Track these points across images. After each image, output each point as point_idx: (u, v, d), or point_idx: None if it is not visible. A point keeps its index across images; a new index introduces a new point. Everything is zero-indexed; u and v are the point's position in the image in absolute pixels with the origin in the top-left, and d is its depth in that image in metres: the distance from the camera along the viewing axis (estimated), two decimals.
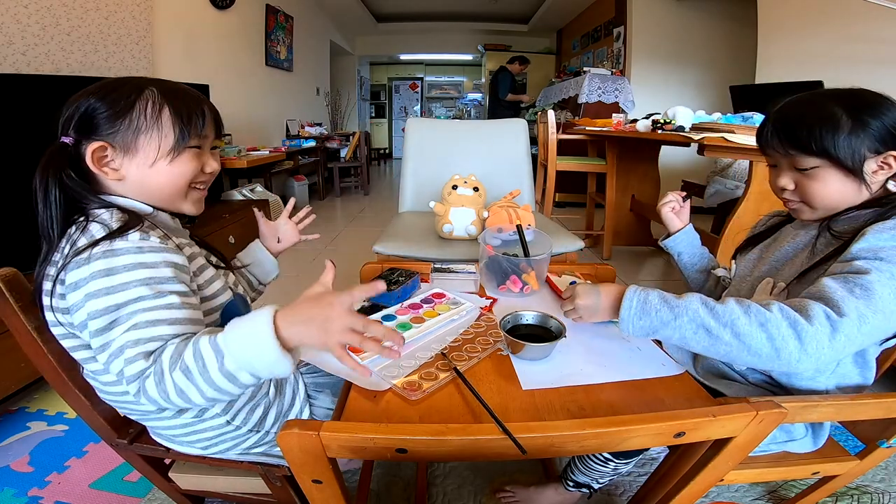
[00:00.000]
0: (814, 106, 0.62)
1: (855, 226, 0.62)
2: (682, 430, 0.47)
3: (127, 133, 0.56)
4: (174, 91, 0.59)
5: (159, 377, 0.45)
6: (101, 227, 0.52)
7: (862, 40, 2.16)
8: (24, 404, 1.30)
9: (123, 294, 0.48)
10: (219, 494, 0.80)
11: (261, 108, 3.93)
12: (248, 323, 0.45)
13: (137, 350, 0.47)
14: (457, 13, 6.47)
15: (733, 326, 0.52)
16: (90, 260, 0.49)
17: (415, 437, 0.44)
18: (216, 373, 0.45)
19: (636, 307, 0.59)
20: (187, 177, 0.60)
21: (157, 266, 0.51)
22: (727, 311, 0.54)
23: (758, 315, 0.52)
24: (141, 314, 0.48)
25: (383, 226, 1.43)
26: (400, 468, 1.07)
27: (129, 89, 0.57)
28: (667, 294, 0.59)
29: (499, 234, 1.04)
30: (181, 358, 0.45)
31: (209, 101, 0.63)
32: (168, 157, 0.58)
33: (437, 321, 0.73)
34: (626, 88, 3.89)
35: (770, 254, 0.73)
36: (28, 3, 1.79)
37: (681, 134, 1.75)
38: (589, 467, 0.84)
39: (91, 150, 0.55)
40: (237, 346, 0.45)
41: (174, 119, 0.57)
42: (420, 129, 1.69)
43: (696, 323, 0.55)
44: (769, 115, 0.68)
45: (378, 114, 9.40)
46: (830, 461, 0.72)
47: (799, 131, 0.62)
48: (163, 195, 0.60)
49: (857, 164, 0.60)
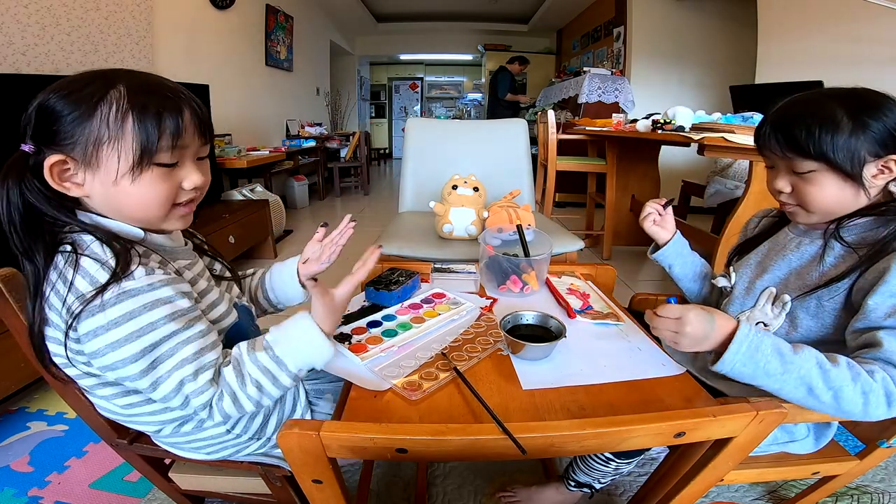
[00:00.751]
0: (813, 107, 0.61)
1: (866, 235, 0.61)
2: (683, 430, 0.47)
3: (87, 144, 0.47)
4: (146, 91, 0.49)
5: (233, 396, 0.52)
6: (97, 264, 0.47)
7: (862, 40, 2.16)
8: (24, 404, 1.30)
9: (154, 333, 0.48)
10: (219, 494, 0.80)
11: (261, 108, 3.93)
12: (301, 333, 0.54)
13: (200, 382, 0.50)
14: (457, 13, 6.47)
15: (838, 392, 0.52)
16: (104, 307, 0.46)
17: (415, 437, 0.44)
18: (286, 379, 0.53)
19: (745, 351, 0.54)
20: (159, 199, 0.52)
21: (173, 300, 0.50)
22: (839, 375, 0.52)
23: (864, 384, 0.52)
24: (182, 348, 0.49)
25: (383, 226, 1.43)
26: (400, 468, 1.07)
27: (94, 88, 0.48)
28: (781, 343, 0.55)
29: (499, 234, 1.04)
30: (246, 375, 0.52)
31: (193, 101, 0.53)
32: (129, 175, 0.49)
33: (438, 321, 0.73)
34: (626, 88, 3.89)
35: (772, 261, 0.71)
36: (28, 3, 1.79)
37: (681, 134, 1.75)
38: (590, 467, 0.84)
39: (49, 164, 0.47)
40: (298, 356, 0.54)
41: (138, 130, 0.48)
42: (420, 129, 1.69)
43: (802, 381, 0.52)
44: (767, 115, 0.66)
45: (378, 114, 9.40)
46: (830, 461, 0.72)
47: (797, 134, 0.60)
48: (135, 217, 0.53)
49: (857, 168, 0.58)
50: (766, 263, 0.72)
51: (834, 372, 0.52)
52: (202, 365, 0.51)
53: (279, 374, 0.53)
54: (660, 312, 0.58)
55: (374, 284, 0.82)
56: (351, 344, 0.66)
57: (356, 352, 0.64)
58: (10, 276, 0.56)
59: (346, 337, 0.68)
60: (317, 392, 0.76)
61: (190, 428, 0.61)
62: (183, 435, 0.62)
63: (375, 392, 0.56)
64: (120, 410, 0.58)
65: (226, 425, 0.63)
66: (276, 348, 0.53)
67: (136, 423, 0.61)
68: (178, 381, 0.49)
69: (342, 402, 0.56)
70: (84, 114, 0.47)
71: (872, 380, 0.52)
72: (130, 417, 0.59)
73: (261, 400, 0.53)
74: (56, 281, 0.48)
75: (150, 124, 0.48)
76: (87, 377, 0.54)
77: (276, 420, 0.68)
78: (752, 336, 0.54)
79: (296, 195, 4.07)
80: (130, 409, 0.57)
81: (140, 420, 0.59)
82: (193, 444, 0.64)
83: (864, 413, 0.52)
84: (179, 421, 0.60)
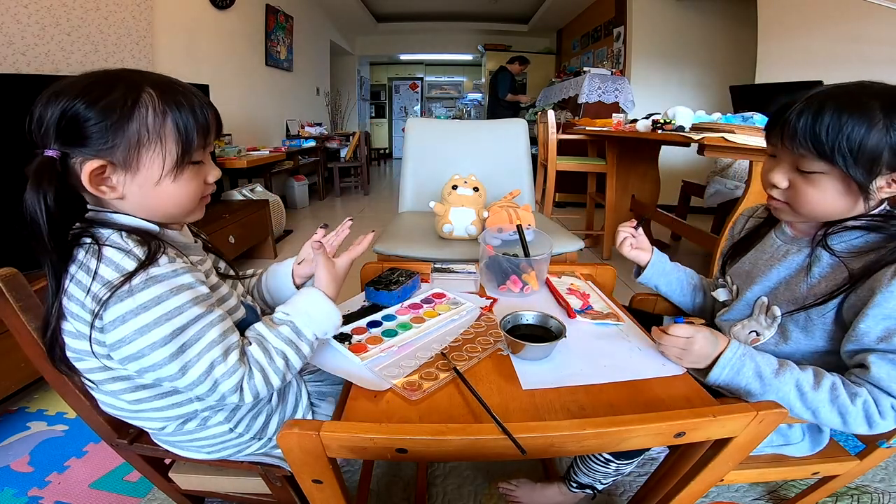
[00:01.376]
0: (850, 108, 0.54)
1: (854, 244, 0.59)
2: (683, 430, 0.47)
3: (127, 148, 0.49)
4: (174, 93, 0.51)
5: (262, 372, 0.53)
6: (121, 252, 0.48)
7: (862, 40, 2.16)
8: (24, 404, 1.30)
9: (182, 317, 0.49)
10: (219, 494, 0.80)
11: (261, 108, 3.93)
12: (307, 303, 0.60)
13: (230, 363, 0.51)
14: (457, 13, 6.47)
15: (816, 412, 0.56)
16: (133, 292, 0.47)
17: (415, 437, 0.44)
18: (305, 347, 0.57)
19: (727, 373, 0.59)
20: (193, 194, 0.56)
21: (195, 286, 0.52)
22: (817, 399, 0.56)
23: (841, 407, 0.54)
24: (209, 330, 0.51)
25: (383, 226, 1.43)
26: (400, 468, 1.07)
27: (124, 93, 0.49)
28: (764, 366, 0.58)
29: (499, 234, 1.04)
30: (272, 350, 0.55)
31: (208, 100, 0.57)
32: (171, 174, 0.52)
33: (438, 321, 0.73)
34: (626, 88, 3.89)
35: (760, 271, 0.70)
36: (28, 3, 1.79)
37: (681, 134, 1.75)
38: (591, 469, 0.84)
39: (89, 171, 0.48)
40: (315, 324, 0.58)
41: (177, 130, 0.51)
42: (420, 129, 1.69)
43: (781, 402, 0.54)
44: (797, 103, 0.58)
45: (378, 114, 9.40)
46: (830, 461, 0.72)
47: (823, 134, 0.54)
48: (169, 213, 0.56)
49: (869, 180, 0.55)
50: (755, 274, 0.71)
51: (811, 395, 0.56)
52: (229, 346, 0.52)
53: (301, 345, 0.57)
54: (670, 332, 0.61)
55: (374, 284, 0.82)
56: (351, 344, 0.66)
57: (356, 352, 0.64)
58: (10, 276, 0.56)
59: (346, 337, 0.68)
60: (319, 394, 0.76)
61: (193, 426, 0.61)
62: (185, 433, 0.62)
63: (375, 392, 0.56)
64: (127, 406, 0.58)
65: (229, 423, 0.63)
66: (295, 320, 0.57)
67: (141, 419, 0.61)
68: (208, 364, 0.50)
69: (342, 402, 0.56)
70: (122, 116, 0.48)
71: (852, 403, 0.54)
72: (137, 413, 0.59)
73: (286, 373, 0.56)
74: (76, 272, 0.48)
75: (188, 123, 0.51)
76: (99, 371, 0.54)
77: (277, 420, 0.68)
78: (735, 360, 0.58)
79: (296, 195, 4.07)
80: (138, 404, 0.57)
81: (146, 416, 0.59)
82: (195, 443, 0.64)
83: (846, 428, 0.55)
84: (184, 418, 0.60)
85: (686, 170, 3.52)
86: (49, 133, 0.48)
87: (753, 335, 0.68)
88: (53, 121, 0.48)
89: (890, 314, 0.53)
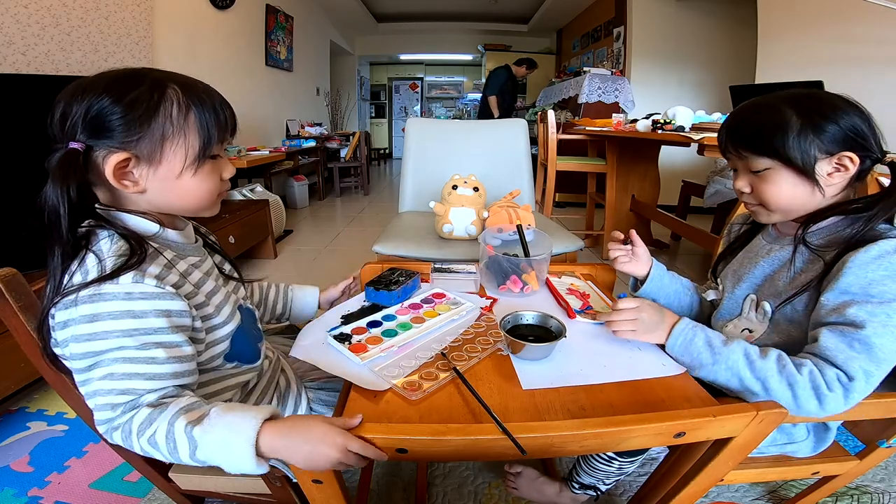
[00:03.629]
0: (767, 108, 0.63)
1: (830, 237, 0.62)
2: (683, 430, 0.47)
3: (151, 141, 0.50)
4: (196, 90, 0.53)
5: (127, 434, 0.46)
6: (96, 261, 0.48)
7: (862, 40, 2.16)
8: (24, 404, 1.30)
9: (104, 343, 0.47)
10: (219, 494, 0.80)
11: (261, 108, 3.93)
12: (229, 433, 0.44)
13: (106, 400, 0.47)
14: (457, 13, 6.47)
15: (765, 382, 0.56)
16: (77, 303, 0.47)
17: (415, 437, 0.44)
18: (186, 458, 0.45)
19: (680, 345, 0.62)
20: (211, 189, 0.56)
21: (145, 316, 0.48)
22: (765, 367, 0.57)
23: (790, 376, 0.55)
24: (119, 364, 0.47)
25: (383, 226, 1.43)
26: (400, 468, 1.07)
27: (150, 88, 0.50)
28: (713, 336, 0.61)
29: (499, 234, 1.04)
30: (153, 433, 0.45)
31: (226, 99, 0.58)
32: (192, 168, 0.53)
33: (438, 321, 0.73)
34: (626, 88, 3.89)
35: (746, 270, 0.72)
36: (28, 3, 1.79)
37: (681, 134, 1.75)
38: (594, 468, 0.84)
39: (114, 163, 0.49)
40: (213, 450, 0.44)
41: (199, 125, 0.52)
42: (420, 129, 1.69)
43: (731, 372, 0.58)
44: (727, 118, 0.69)
45: (378, 114, 9.40)
46: (830, 461, 0.72)
47: (750, 132, 0.64)
48: (189, 207, 0.57)
49: (809, 165, 0.60)
50: (742, 272, 0.73)
51: (759, 363, 0.57)
52: (124, 389, 0.47)
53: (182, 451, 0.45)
54: (617, 307, 0.67)
55: (374, 284, 0.82)
56: (351, 344, 0.66)
57: (356, 352, 0.64)
58: (10, 276, 0.56)
59: (347, 337, 0.68)
60: (320, 401, 0.76)
61: None
62: None
63: (375, 392, 0.56)
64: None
65: None
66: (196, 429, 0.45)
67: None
68: (93, 390, 0.47)
69: (342, 402, 0.56)
70: (148, 110, 0.49)
71: (798, 373, 0.55)
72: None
73: (154, 456, 0.47)
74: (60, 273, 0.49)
75: (209, 119, 0.52)
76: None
77: None
78: (686, 330, 0.63)
79: (296, 195, 4.07)
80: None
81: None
82: None
83: (798, 407, 0.55)
84: None
85: (686, 170, 3.52)
86: (76, 127, 0.49)
87: (747, 332, 0.69)
88: (80, 114, 0.48)
89: (846, 289, 0.56)
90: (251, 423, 0.44)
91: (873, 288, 0.54)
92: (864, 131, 0.59)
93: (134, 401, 0.47)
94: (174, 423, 0.45)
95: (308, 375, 0.79)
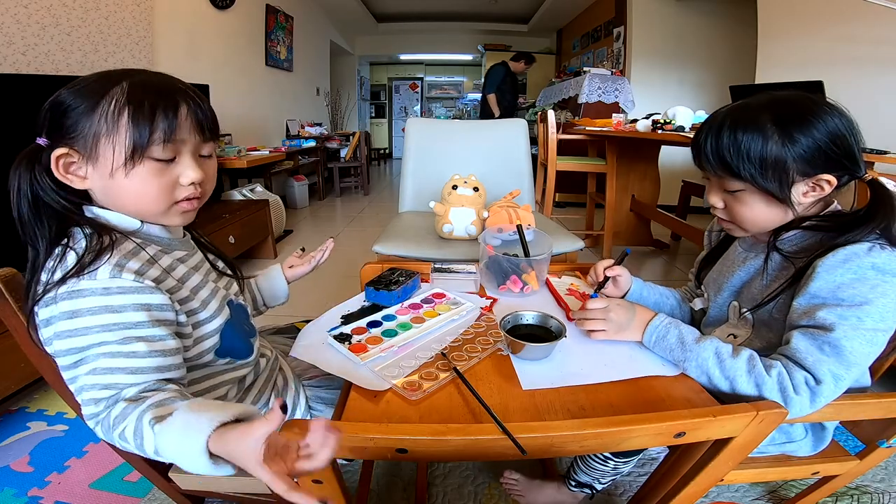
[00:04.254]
0: (743, 124, 0.59)
1: (803, 244, 0.62)
2: (683, 430, 0.47)
3: (88, 137, 0.50)
4: (146, 88, 0.51)
5: (106, 429, 0.47)
6: (75, 257, 0.49)
7: (862, 40, 2.16)
8: (24, 404, 1.30)
9: (85, 339, 0.47)
10: (219, 494, 0.80)
11: (261, 108, 3.93)
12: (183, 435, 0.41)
13: (91, 395, 0.47)
14: (457, 13, 6.47)
15: (733, 381, 0.57)
16: (56, 300, 0.47)
17: (415, 437, 0.44)
18: (152, 454, 0.44)
19: (654, 341, 0.64)
20: (153, 193, 0.53)
21: (124, 310, 0.48)
22: (734, 366, 0.57)
23: (758, 377, 0.56)
24: (102, 359, 0.47)
25: (383, 226, 1.43)
26: (400, 468, 1.07)
27: (100, 84, 0.50)
28: (686, 333, 0.62)
29: (499, 234, 1.04)
30: (124, 428, 0.45)
31: (195, 98, 0.54)
32: (123, 168, 0.50)
33: (438, 321, 0.73)
34: (626, 88, 3.89)
35: (725, 278, 0.73)
36: (28, 3, 1.79)
37: (681, 134, 1.75)
38: (590, 467, 0.85)
39: (55, 156, 0.49)
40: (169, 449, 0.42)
41: (132, 124, 0.49)
42: (420, 129, 1.69)
43: (701, 369, 0.59)
44: (703, 125, 0.65)
45: (378, 114, 9.40)
46: (830, 461, 0.72)
47: (727, 154, 0.60)
48: (131, 210, 0.54)
49: (785, 191, 0.59)
50: (721, 281, 0.74)
51: (729, 362, 0.57)
52: (106, 384, 0.47)
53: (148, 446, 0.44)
54: (588, 306, 0.67)
55: (374, 284, 0.82)
56: (351, 344, 0.66)
57: (356, 352, 0.64)
58: (10, 276, 0.56)
59: (347, 337, 0.68)
60: (318, 399, 0.76)
61: None
62: None
63: (375, 392, 0.56)
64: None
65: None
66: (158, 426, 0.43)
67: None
68: (80, 386, 0.48)
69: (342, 402, 0.56)
70: (88, 108, 0.49)
71: (767, 374, 0.55)
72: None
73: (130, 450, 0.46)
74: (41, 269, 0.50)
75: (142, 119, 0.50)
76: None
77: None
78: (660, 327, 0.64)
79: (296, 195, 4.07)
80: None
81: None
82: None
83: None
84: None
85: (686, 170, 3.52)
86: (43, 124, 0.51)
87: (732, 338, 0.70)
88: (45, 112, 0.51)
89: (815, 293, 0.56)
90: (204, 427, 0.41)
91: (842, 291, 0.54)
92: (845, 147, 0.57)
93: (116, 395, 0.47)
94: (142, 419, 0.44)
95: (306, 374, 0.79)
